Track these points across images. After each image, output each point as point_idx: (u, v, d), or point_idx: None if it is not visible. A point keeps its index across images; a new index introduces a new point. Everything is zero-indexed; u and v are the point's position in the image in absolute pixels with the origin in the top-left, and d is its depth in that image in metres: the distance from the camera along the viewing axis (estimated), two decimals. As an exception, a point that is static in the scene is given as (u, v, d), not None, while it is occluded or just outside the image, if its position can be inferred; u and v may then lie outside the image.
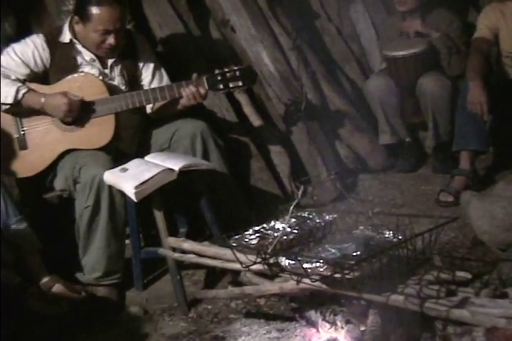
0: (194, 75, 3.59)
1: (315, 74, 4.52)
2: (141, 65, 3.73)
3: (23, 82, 3.53)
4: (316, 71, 4.54)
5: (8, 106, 3.49)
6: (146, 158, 3.51)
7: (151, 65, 3.75)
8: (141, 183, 3.21)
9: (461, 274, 2.58)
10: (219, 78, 3.58)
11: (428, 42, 4.38)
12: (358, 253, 2.50)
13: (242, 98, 4.33)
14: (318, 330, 2.72)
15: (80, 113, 3.49)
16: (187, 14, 4.38)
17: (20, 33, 3.82)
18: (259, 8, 4.46)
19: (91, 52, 3.61)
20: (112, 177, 3.34)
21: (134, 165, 3.39)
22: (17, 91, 3.44)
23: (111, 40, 3.50)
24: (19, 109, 3.51)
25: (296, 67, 4.36)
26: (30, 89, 3.48)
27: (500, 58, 4.26)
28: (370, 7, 4.93)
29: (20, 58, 3.54)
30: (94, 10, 3.45)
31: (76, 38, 3.59)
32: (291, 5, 4.63)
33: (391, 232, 2.67)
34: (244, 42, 4.38)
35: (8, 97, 3.44)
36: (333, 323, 2.67)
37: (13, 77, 3.51)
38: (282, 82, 4.30)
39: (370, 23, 4.95)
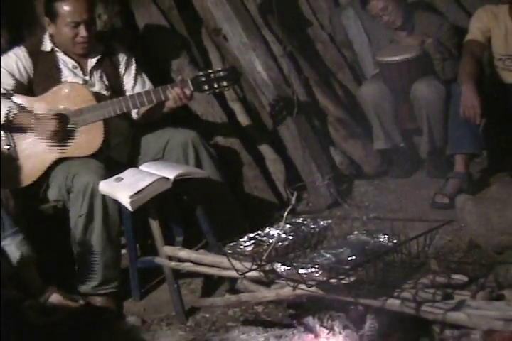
0: (179, 77, 3.64)
1: (308, 81, 4.53)
2: (122, 71, 3.79)
3: (12, 94, 3.55)
4: (308, 78, 4.55)
5: None
6: (141, 167, 3.51)
7: (133, 71, 3.80)
8: (136, 192, 3.22)
9: (457, 277, 2.59)
10: (203, 79, 3.63)
11: (421, 47, 4.38)
12: (353, 258, 2.50)
13: (236, 106, 4.34)
14: (316, 336, 2.71)
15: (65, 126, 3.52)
16: (179, 23, 4.39)
17: (14, 45, 3.83)
18: (251, 16, 4.48)
19: (72, 59, 3.66)
20: (107, 187, 3.34)
21: (128, 174, 3.39)
22: (8, 112, 3.48)
23: (83, 32, 3.56)
24: (9, 126, 3.54)
25: (289, 74, 4.38)
26: (20, 110, 3.50)
27: (492, 61, 4.27)
28: (361, 13, 4.94)
29: (4, 69, 3.59)
30: (59, 5, 3.56)
31: (56, 46, 3.64)
32: (283, 13, 4.64)
33: (386, 237, 2.67)
34: (237, 51, 4.40)
35: (0, 118, 3.47)
36: (330, 329, 2.66)
37: (2, 90, 3.54)
38: (275, 89, 4.31)
39: (362, 29, 4.94)
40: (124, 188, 3.24)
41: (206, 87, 3.64)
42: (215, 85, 3.65)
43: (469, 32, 4.24)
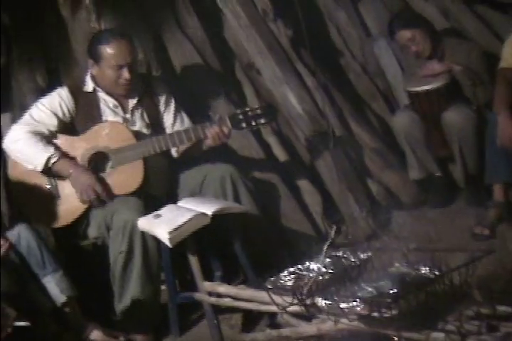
0: (217, 115, 3.68)
1: (342, 112, 4.54)
2: (162, 108, 3.83)
3: (55, 135, 3.63)
4: (342, 109, 4.56)
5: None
6: (179, 203, 3.55)
7: (172, 108, 3.85)
8: (175, 229, 3.24)
9: (502, 308, 2.53)
10: (241, 117, 3.66)
11: (449, 75, 4.36)
12: (395, 290, 2.48)
13: (272, 139, 4.36)
14: (359, 371, 2.68)
15: (99, 193, 3.55)
16: (212, 59, 4.44)
17: (52, 85, 3.91)
18: (284, 49, 4.51)
19: (113, 98, 3.73)
20: (146, 223, 3.37)
21: (167, 210, 3.42)
22: (48, 160, 3.54)
23: (125, 74, 3.62)
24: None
25: (323, 106, 4.39)
26: (60, 158, 3.56)
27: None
28: (393, 43, 4.95)
29: (49, 109, 3.65)
30: (104, 48, 3.62)
31: (98, 86, 3.70)
32: (314, 45, 4.67)
33: (427, 268, 2.64)
34: (270, 84, 4.43)
35: (38, 166, 3.54)
36: (373, 363, 2.63)
37: (46, 132, 3.61)
38: (310, 121, 4.32)
39: (394, 59, 4.95)
40: (162, 224, 3.27)
41: (244, 125, 3.68)
42: (253, 123, 3.68)
43: (502, 59, 4.18)
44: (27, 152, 3.54)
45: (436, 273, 2.62)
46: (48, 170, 3.56)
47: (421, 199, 4.52)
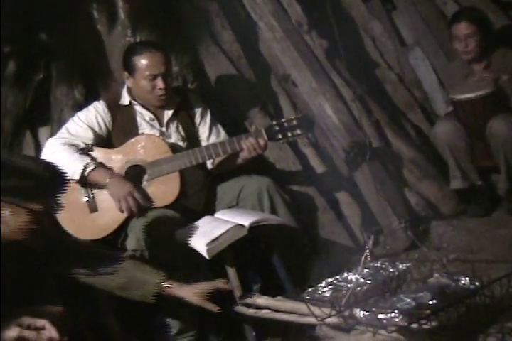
0: (253, 127, 3.69)
1: (379, 122, 4.53)
2: (197, 121, 3.86)
3: (91, 148, 3.67)
4: (379, 119, 4.54)
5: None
6: (216, 214, 3.55)
7: (208, 121, 3.87)
8: (213, 240, 3.23)
9: (545, 320, 2.49)
10: (277, 128, 3.67)
11: (495, 83, 4.31)
12: (434, 302, 2.45)
13: (308, 151, 4.35)
14: (399, 384, 2.64)
15: (139, 200, 3.55)
16: (248, 72, 4.46)
17: (89, 100, 3.96)
18: (319, 61, 4.52)
19: (149, 111, 3.76)
20: (183, 235, 3.37)
21: (204, 222, 3.43)
22: (84, 168, 3.56)
23: (160, 83, 3.65)
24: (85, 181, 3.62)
25: (359, 117, 4.37)
26: (97, 166, 3.58)
27: None
28: (429, 52, 4.93)
29: (85, 123, 3.70)
30: (137, 59, 3.67)
31: (134, 99, 3.73)
32: (350, 56, 4.67)
33: (467, 279, 2.60)
34: (306, 96, 4.44)
35: (75, 174, 3.55)
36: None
37: (81, 145, 3.65)
38: (347, 132, 4.31)
39: (430, 68, 4.94)
40: (200, 236, 3.27)
41: (280, 136, 3.68)
42: (289, 134, 3.68)
43: None
44: (63, 161, 3.53)
45: (477, 284, 2.58)
46: (84, 180, 3.59)
47: (460, 209, 4.47)
